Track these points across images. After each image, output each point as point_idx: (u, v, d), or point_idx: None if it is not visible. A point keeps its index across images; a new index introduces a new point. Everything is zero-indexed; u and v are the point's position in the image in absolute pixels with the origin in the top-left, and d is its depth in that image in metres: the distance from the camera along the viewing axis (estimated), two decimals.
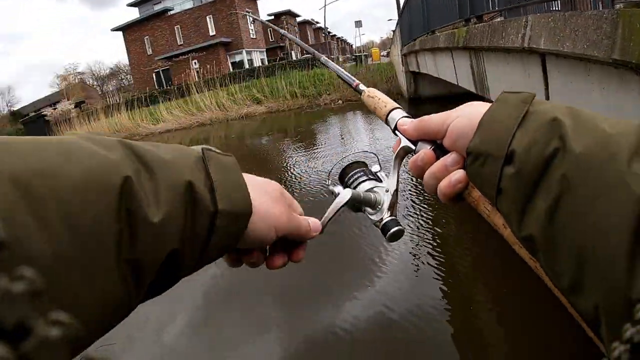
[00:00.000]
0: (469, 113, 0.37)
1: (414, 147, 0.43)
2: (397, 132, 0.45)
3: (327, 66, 0.64)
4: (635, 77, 1.62)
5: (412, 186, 4.60)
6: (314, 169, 6.44)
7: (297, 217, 0.42)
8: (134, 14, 31.14)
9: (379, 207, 0.46)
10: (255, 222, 0.36)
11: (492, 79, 3.62)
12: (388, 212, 0.45)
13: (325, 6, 24.56)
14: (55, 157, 0.25)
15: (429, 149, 0.41)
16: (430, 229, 3.65)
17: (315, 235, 0.44)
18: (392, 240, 0.45)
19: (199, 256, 0.33)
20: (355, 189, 0.47)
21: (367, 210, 0.46)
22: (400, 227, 0.44)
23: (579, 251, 0.27)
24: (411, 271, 3.05)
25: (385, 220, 0.45)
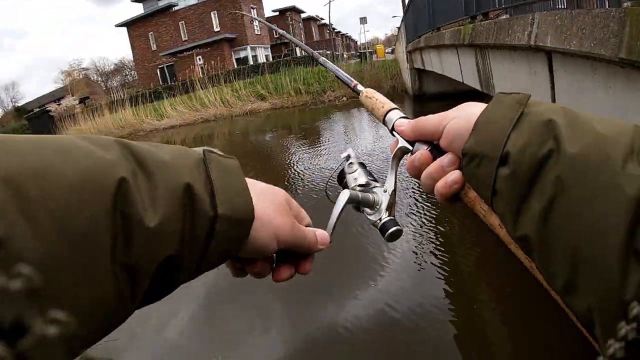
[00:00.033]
0: (465, 114, 0.37)
1: (411, 148, 0.43)
2: (394, 132, 0.46)
3: (325, 66, 0.64)
4: None
5: (415, 185, 4.59)
6: (317, 166, 6.44)
7: (303, 228, 0.40)
8: (138, 10, 31.31)
9: (377, 207, 0.46)
10: (257, 229, 0.35)
11: (498, 77, 3.60)
12: (386, 213, 0.45)
13: (330, 2, 24.48)
14: (53, 156, 0.25)
15: (426, 149, 0.41)
16: (433, 228, 3.64)
17: (323, 248, 0.41)
18: (391, 240, 0.45)
19: (198, 261, 0.32)
20: (351, 182, 0.48)
21: (366, 210, 0.46)
22: (399, 227, 0.45)
23: (573, 252, 0.27)
24: (414, 270, 3.04)
25: (384, 220, 0.45)
